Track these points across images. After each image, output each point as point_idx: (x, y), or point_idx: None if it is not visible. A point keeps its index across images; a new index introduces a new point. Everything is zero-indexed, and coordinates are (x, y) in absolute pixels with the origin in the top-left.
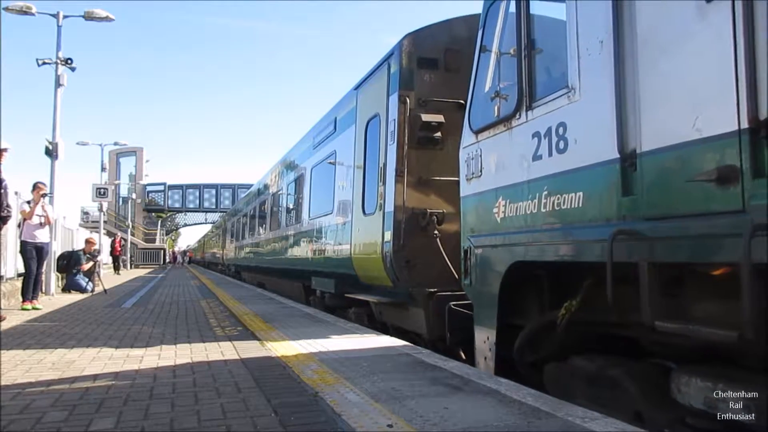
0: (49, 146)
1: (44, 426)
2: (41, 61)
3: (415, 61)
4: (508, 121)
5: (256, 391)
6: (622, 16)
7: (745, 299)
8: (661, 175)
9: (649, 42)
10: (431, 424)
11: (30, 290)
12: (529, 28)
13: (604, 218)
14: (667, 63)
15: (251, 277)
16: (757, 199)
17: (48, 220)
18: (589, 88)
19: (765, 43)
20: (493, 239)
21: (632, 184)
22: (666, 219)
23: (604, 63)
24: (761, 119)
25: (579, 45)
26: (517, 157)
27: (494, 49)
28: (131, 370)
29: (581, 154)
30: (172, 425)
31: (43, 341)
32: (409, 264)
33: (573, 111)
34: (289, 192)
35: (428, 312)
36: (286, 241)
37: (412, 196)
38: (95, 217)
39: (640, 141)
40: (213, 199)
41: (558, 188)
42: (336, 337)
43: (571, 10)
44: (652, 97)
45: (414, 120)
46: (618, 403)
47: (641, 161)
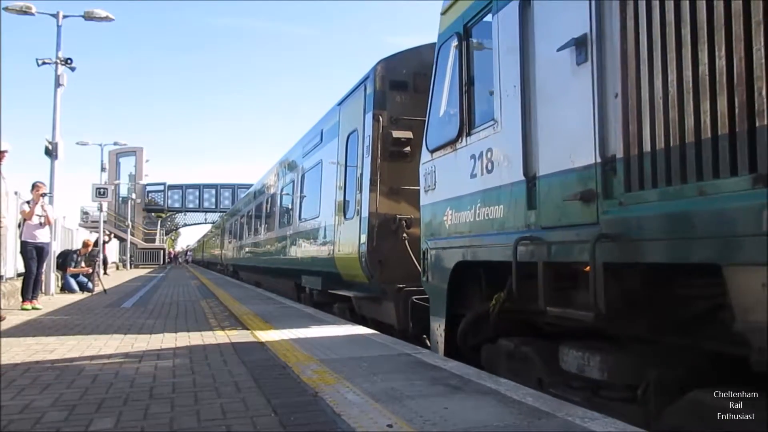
0: (49, 146)
1: (44, 426)
2: (41, 61)
3: (388, 83)
4: (453, 144)
5: (255, 391)
6: (528, 68)
7: (592, 289)
8: (551, 194)
9: (543, 91)
10: (431, 424)
11: (30, 290)
12: (469, 68)
13: (516, 227)
14: (553, 108)
15: (248, 276)
16: (605, 215)
17: (48, 220)
18: (507, 123)
19: (611, 98)
20: (443, 242)
21: (534, 200)
22: (554, 228)
23: (516, 104)
24: (608, 156)
25: (501, 87)
26: (460, 174)
27: (445, 83)
28: (131, 369)
29: (501, 175)
30: (172, 425)
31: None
32: (381, 263)
33: (496, 140)
34: (282, 196)
35: (398, 305)
36: (279, 243)
37: (384, 203)
38: (95, 217)
39: (538, 167)
40: (213, 199)
41: (486, 201)
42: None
43: (496, 57)
44: (545, 133)
45: (386, 136)
46: (527, 373)
47: (539, 183)
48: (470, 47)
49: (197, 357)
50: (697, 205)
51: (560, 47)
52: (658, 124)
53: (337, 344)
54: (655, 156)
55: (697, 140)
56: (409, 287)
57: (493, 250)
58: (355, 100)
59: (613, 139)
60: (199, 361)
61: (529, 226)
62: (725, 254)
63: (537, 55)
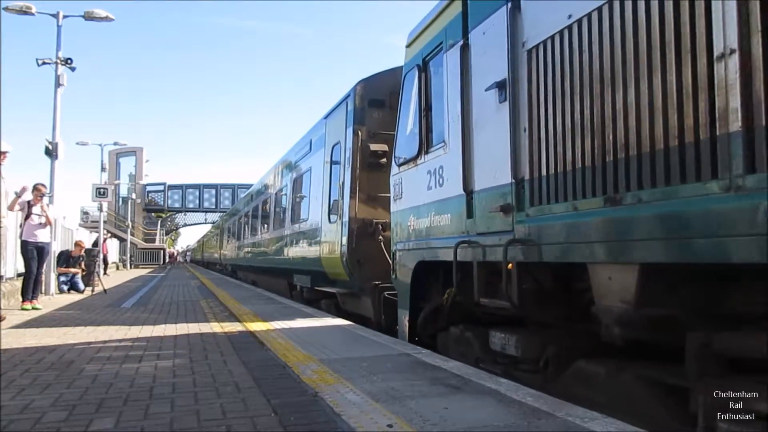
0: (48, 146)
1: (44, 426)
2: (41, 61)
3: (366, 102)
4: (415, 160)
5: (255, 391)
6: (466, 101)
7: (505, 283)
8: (482, 206)
9: (477, 122)
10: (431, 424)
11: (30, 290)
12: (427, 96)
13: (458, 232)
14: (484, 136)
15: (245, 275)
16: (517, 224)
17: (48, 220)
18: (453, 145)
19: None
20: (407, 245)
21: (471, 211)
22: (485, 234)
23: (458, 131)
24: (519, 177)
25: (449, 115)
26: (420, 186)
27: (410, 107)
28: (131, 369)
29: (448, 189)
30: (172, 425)
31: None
32: (359, 262)
33: (446, 159)
34: (276, 200)
35: (374, 300)
36: (273, 244)
37: (363, 208)
38: (95, 217)
39: (474, 184)
40: (213, 199)
41: (438, 211)
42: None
43: (446, 89)
44: (478, 156)
45: (365, 149)
46: (469, 353)
47: (474, 197)
48: (428, 78)
49: (197, 357)
50: (573, 218)
51: (487, 87)
52: (551, 154)
53: (337, 344)
54: (549, 178)
55: (574, 168)
56: (383, 284)
57: (443, 251)
58: (339, 115)
59: (523, 163)
60: (199, 361)
61: (467, 232)
62: (588, 255)
63: (473, 91)
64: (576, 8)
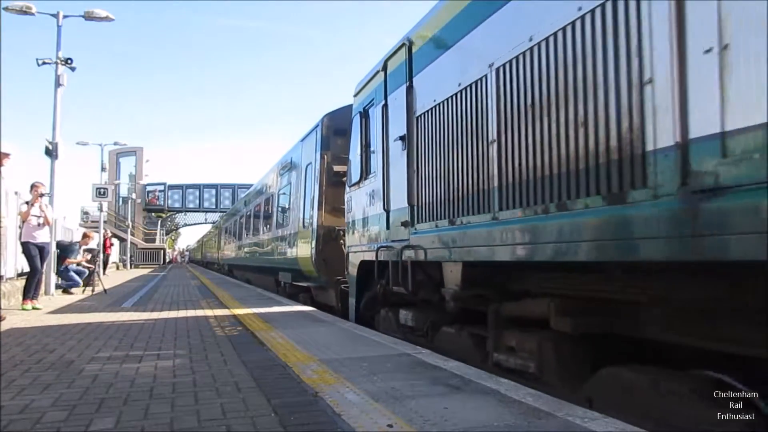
0: (48, 146)
1: (44, 426)
2: (41, 61)
3: (332, 131)
4: (359, 184)
5: (256, 391)
6: (386, 145)
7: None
8: (394, 222)
9: (391, 161)
10: (431, 424)
11: (32, 289)
12: (366, 136)
13: (380, 240)
14: (395, 172)
15: (240, 274)
16: (411, 235)
17: (47, 220)
18: (379, 176)
19: (413, 173)
20: (354, 248)
21: (388, 224)
22: (395, 241)
23: (381, 166)
24: (412, 203)
25: (377, 152)
26: (362, 204)
27: (358, 141)
28: (131, 369)
29: (377, 207)
30: (172, 425)
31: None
32: (325, 261)
33: (376, 185)
34: (264, 207)
35: (336, 292)
36: (263, 246)
37: (328, 218)
38: (95, 216)
39: (390, 205)
40: (213, 199)
41: (372, 222)
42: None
43: (375, 133)
44: (392, 185)
45: (329, 169)
46: (391, 328)
47: (390, 214)
48: (367, 123)
49: (197, 357)
50: (434, 232)
51: (395, 138)
52: (427, 189)
53: (338, 344)
54: (425, 205)
55: (436, 200)
56: (342, 279)
57: (372, 254)
58: (311, 140)
59: (414, 193)
60: (199, 361)
61: (386, 239)
62: (441, 256)
63: (390, 138)
64: (438, 95)
